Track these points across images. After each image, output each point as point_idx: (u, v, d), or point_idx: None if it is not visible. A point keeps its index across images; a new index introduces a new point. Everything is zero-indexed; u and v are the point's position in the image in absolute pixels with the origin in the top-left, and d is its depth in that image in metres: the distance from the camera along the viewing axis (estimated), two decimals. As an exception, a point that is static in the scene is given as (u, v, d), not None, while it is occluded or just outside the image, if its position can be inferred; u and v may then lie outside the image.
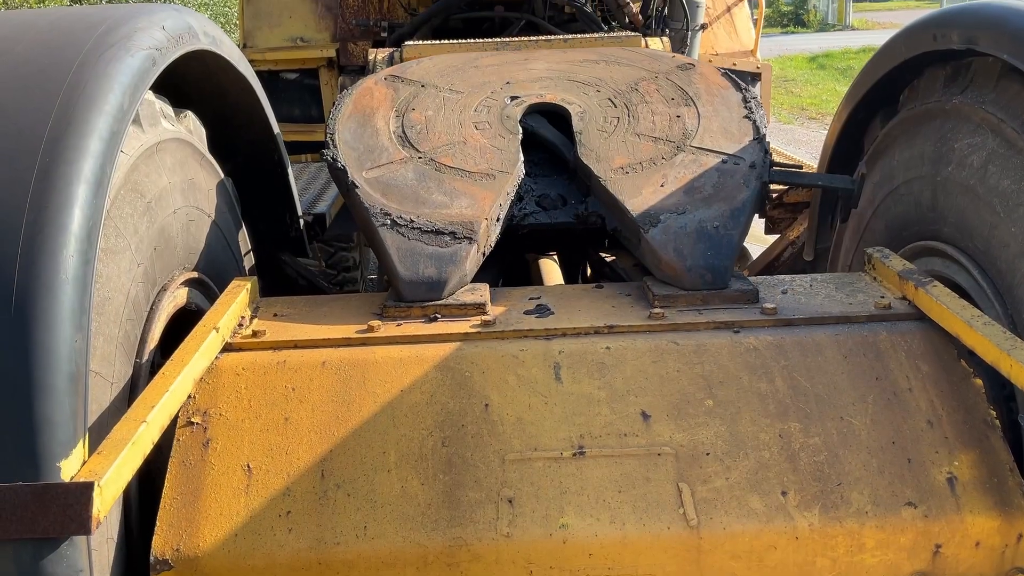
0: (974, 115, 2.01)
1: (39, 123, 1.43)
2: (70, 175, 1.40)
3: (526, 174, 2.25)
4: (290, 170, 2.60)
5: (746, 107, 2.35)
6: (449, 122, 2.33)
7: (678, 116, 2.33)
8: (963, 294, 1.96)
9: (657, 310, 1.96)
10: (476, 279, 2.08)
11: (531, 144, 2.31)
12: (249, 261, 2.49)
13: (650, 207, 2.07)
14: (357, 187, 2.11)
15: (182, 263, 2.00)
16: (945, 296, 1.86)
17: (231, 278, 2.20)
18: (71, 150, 1.42)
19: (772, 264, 3.10)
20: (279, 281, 2.87)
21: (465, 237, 2.01)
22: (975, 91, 2.03)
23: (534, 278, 3.21)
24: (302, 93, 4.66)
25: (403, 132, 2.29)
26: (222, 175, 2.32)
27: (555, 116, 2.38)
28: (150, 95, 1.85)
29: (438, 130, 2.30)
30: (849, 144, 2.61)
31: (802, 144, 12.12)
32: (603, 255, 2.48)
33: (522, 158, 2.23)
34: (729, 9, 5.22)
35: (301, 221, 2.71)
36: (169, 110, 2.01)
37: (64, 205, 1.37)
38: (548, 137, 2.33)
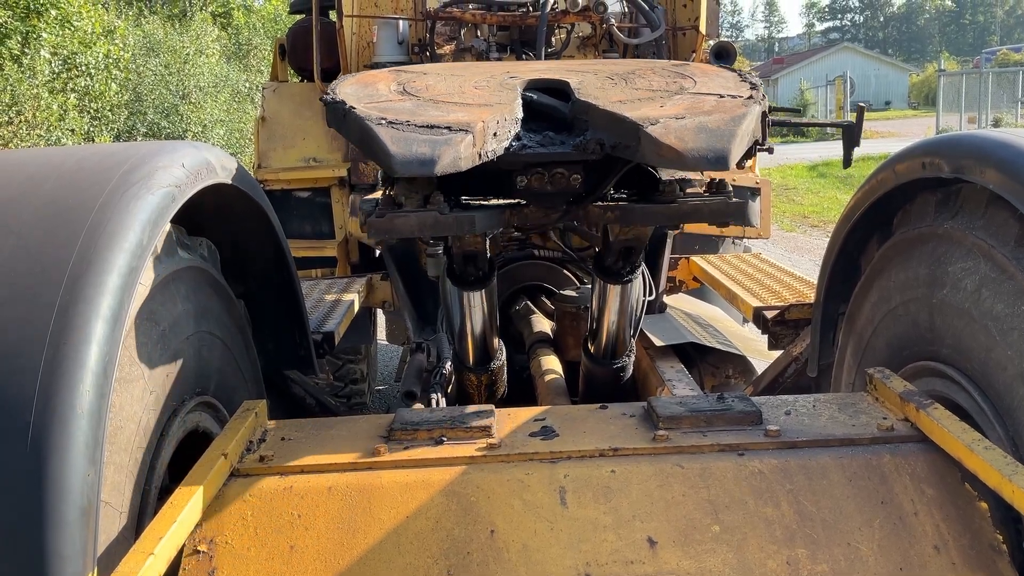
0: (965, 240, 2.06)
1: (62, 261, 1.49)
2: (88, 312, 1.45)
3: (524, 131, 2.22)
4: (301, 290, 2.66)
5: (742, 78, 2.40)
6: (449, 85, 2.40)
7: (675, 82, 2.39)
8: (964, 415, 1.97)
9: (661, 432, 1.97)
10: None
11: (530, 115, 2.31)
12: (258, 381, 2.52)
13: (649, 115, 2.04)
14: (355, 108, 2.09)
15: (193, 387, 2.04)
16: (946, 419, 1.87)
17: (240, 399, 2.23)
18: (91, 287, 1.47)
19: (776, 380, 3.12)
20: (286, 399, 2.89)
21: (461, 130, 1.97)
22: (965, 217, 2.09)
23: (540, 393, 3.24)
24: (313, 210, 4.79)
25: (403, 89, 2.34)
26: (234, 298, 2.37)
27: (554, 94, 2.41)
28: (168, 226, 1.93)
29: (438, 88, 2.36)
30: (847, 263, 2.67)
31: (804, 251, 12.25)
32: (605, 203, 2.43)
33: (520, 102, 2.24)
34: None
35: (311, 339, 2.75)
36: (186, 239, 2.08)
37: (82, 342, 1.42)
38: (546, 102, 2.35)
